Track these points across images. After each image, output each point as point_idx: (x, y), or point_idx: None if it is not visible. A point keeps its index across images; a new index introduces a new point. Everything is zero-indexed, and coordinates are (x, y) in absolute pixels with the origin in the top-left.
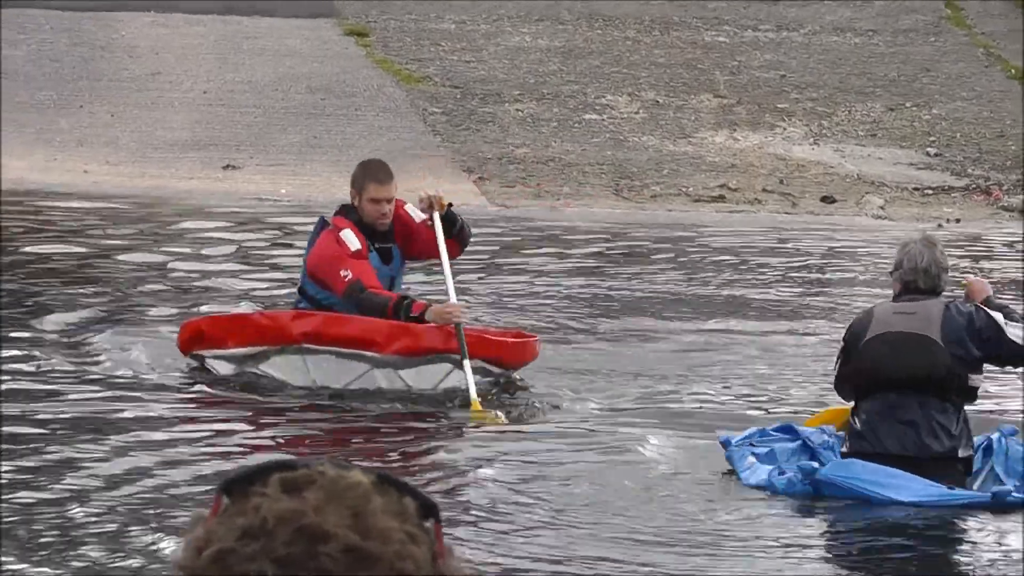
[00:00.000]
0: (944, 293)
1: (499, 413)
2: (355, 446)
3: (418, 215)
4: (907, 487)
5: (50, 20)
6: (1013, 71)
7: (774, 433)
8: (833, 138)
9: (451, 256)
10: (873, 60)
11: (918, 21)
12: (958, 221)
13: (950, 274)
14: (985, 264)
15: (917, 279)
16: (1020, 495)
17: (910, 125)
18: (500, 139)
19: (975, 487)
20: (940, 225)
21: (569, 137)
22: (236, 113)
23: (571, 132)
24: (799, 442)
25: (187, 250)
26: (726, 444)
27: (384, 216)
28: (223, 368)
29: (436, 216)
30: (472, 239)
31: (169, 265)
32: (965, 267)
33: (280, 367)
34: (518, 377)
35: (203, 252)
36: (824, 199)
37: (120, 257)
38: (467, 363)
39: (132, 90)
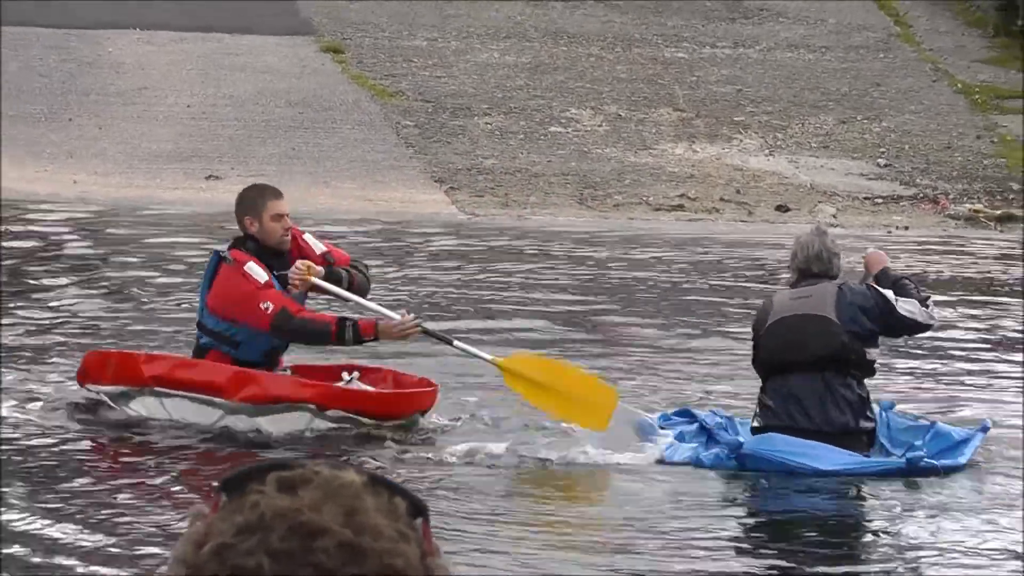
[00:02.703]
0: (839, 277)
1: None
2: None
3: (319, 246)
4: (825, 457)
5: (41, 38)
6: (959, 85)
7: (674, 417)
8: (787, 150)
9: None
10: (826, 75)
11: (869, 38)
12: (907, 229)
13: (842, 260)
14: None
15: (811, 265)
16: (932, 460)
17: (861, 137)
18: (470, 151)
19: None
20: (890, 232)
21: (535, 149)
22: (218, 126)
23: (537, 144)
24: (696, 425)
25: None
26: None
27: (287, 231)
28: (108, 402)
29: (315, 281)
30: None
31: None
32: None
33: (144, 407)
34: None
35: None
36: (779, 208)
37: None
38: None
39: (119, 104)
